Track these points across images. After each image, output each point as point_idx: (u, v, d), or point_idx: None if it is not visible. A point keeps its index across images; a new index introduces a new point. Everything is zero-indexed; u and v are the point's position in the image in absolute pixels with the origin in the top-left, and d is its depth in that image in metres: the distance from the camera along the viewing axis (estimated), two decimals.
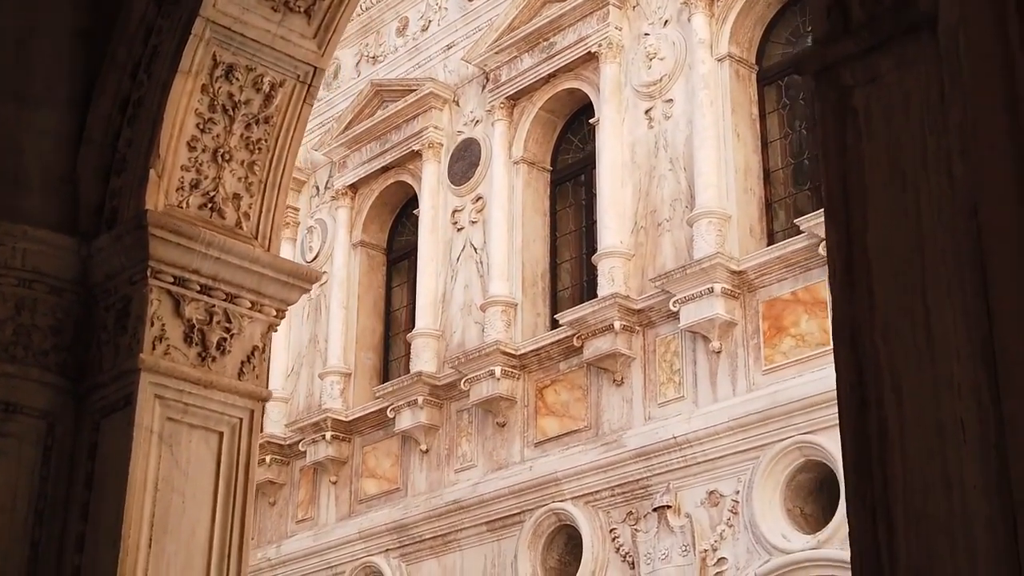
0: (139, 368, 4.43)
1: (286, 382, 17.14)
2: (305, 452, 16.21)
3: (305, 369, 17.06)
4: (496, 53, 15.44)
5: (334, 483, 16.07)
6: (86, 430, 4.53)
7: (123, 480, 4.20)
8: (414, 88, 16.42)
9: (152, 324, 4.49)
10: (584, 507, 13.18)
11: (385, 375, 16.47)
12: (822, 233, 11.89)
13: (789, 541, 11.56)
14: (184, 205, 4.63)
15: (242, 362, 4.66)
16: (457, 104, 16.24)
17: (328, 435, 15.86)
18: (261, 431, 4.65)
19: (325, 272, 17.17)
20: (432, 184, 16.07)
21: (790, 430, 11.73)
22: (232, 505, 4.40)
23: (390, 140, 16.70)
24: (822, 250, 11.80)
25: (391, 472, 15.50)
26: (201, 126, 4.64)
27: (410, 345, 15.65)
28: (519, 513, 13.75)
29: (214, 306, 4.65)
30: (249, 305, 4.74)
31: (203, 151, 4.67)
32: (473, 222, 15.54)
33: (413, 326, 15.75)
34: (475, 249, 15.42)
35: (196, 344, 4.58)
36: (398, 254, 17.18)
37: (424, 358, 15.22)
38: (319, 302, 17.16)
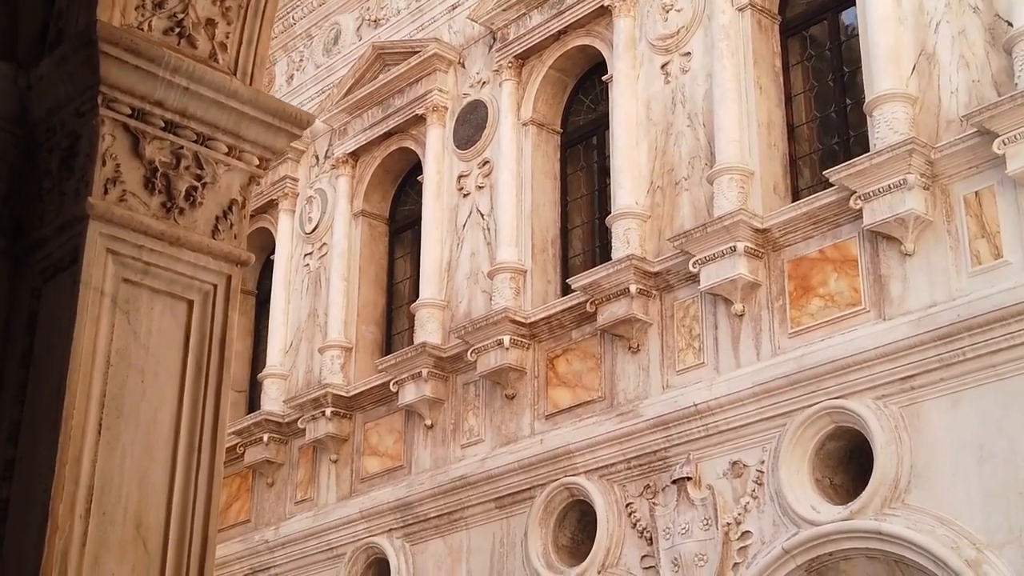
0: (87, 215, 3.60)
1: (284, 357, 16.44)
2: (304, 430, 15.50)
3: (304, 344, 16.35)
4: (503, 11, 14.75)
5: (335, 462, 15.37)
6: (24, 297, 3.72)
7: (67, 351, 3.42)
8: (417, 50, 15.73)
9: (104, 164, 3.65)
10: (598, 481, 12.46)
11: (387, 349, 15.75)
12: (853, 185, 11.18)
13: (818, 513, 10.83)
14: (145, 28, 3.80)
15: (217, 217, 3.84)
16: (463, 66, 15.55)
17: (328, 411, 15.16)
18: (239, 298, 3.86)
19: (326, 244, 16.49)
20: (437, 149, 15.37)
21: (819, 395, 11.01)
22: (204, 388, 3.60)
23: (392, 105, 16.02)
24: (853, 204, 11.07)
25: (394, 449, 14.79)
26: None
27: (414, 318, 14.95)
28: (529, 489, 13.03)
29: (182, 148, 3.83)
30: (226, 150, 3.92)
31: None
32: (480, 187, 14.84)
33: (416, 299, 15.04)
34: (482, 215, 14.72)
35: (160, 192, 3.75)
36: (401, 224, 16.49)
37: (428, 329, 14.50)
38: (319, 274, 16.51)
